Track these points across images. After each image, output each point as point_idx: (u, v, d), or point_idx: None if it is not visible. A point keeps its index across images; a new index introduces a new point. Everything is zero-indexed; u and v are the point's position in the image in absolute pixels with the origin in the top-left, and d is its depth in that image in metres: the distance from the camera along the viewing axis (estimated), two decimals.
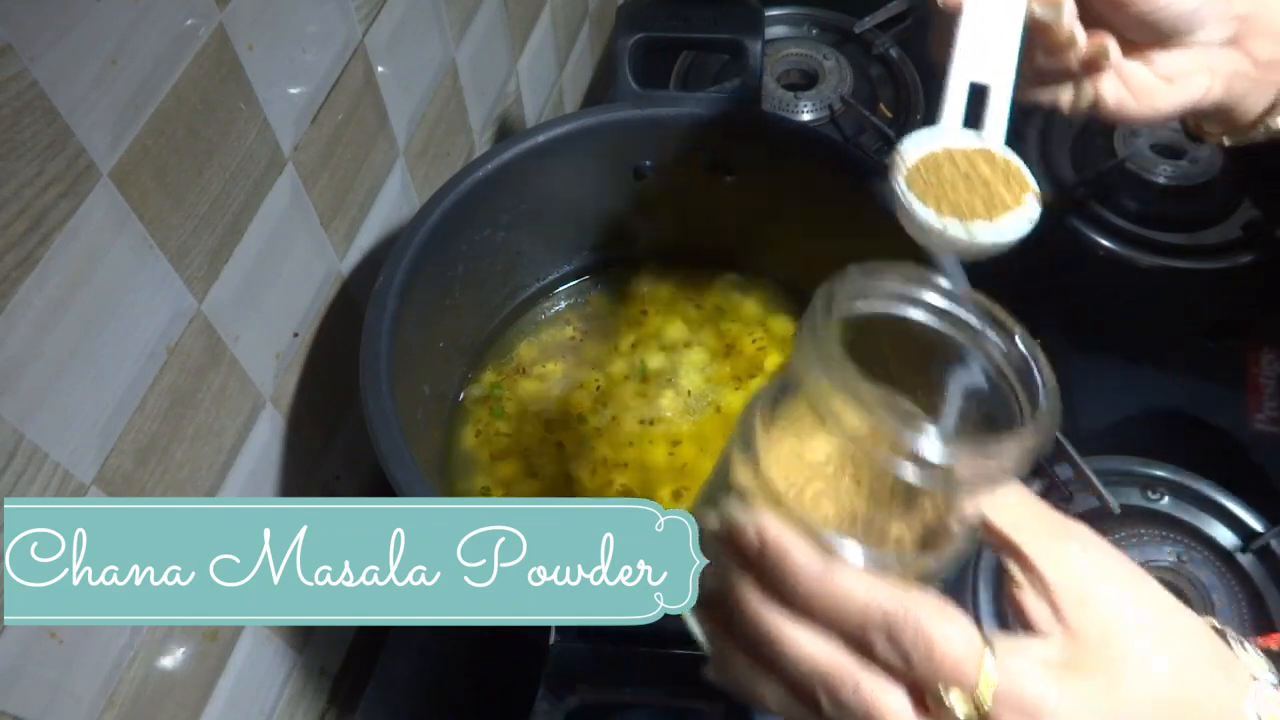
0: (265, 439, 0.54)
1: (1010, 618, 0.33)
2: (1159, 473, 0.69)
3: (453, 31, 0.66)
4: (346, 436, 0.63)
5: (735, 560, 0.31)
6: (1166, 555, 0.66)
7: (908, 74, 0.93)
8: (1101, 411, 0.74)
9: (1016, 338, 0.32)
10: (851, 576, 0.30)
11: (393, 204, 0.63)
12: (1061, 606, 0.31)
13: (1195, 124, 0.51)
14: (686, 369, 0.67)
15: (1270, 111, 0.47)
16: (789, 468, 0.32)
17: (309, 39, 0.50)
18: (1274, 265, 0.79)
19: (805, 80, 0.92)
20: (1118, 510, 0.66)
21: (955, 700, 0.29)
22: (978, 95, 0.39)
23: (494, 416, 0.65)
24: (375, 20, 0.56)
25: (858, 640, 0.30)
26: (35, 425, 0.36)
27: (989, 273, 0.43)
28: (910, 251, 0.58)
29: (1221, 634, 0.34)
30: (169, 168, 0.41)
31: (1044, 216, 0.38)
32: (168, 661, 0.47)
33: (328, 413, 0.61)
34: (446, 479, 0.63)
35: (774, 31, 0.97)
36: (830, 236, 0.65)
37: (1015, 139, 0.39)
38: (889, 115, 0.90)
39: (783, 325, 0.69)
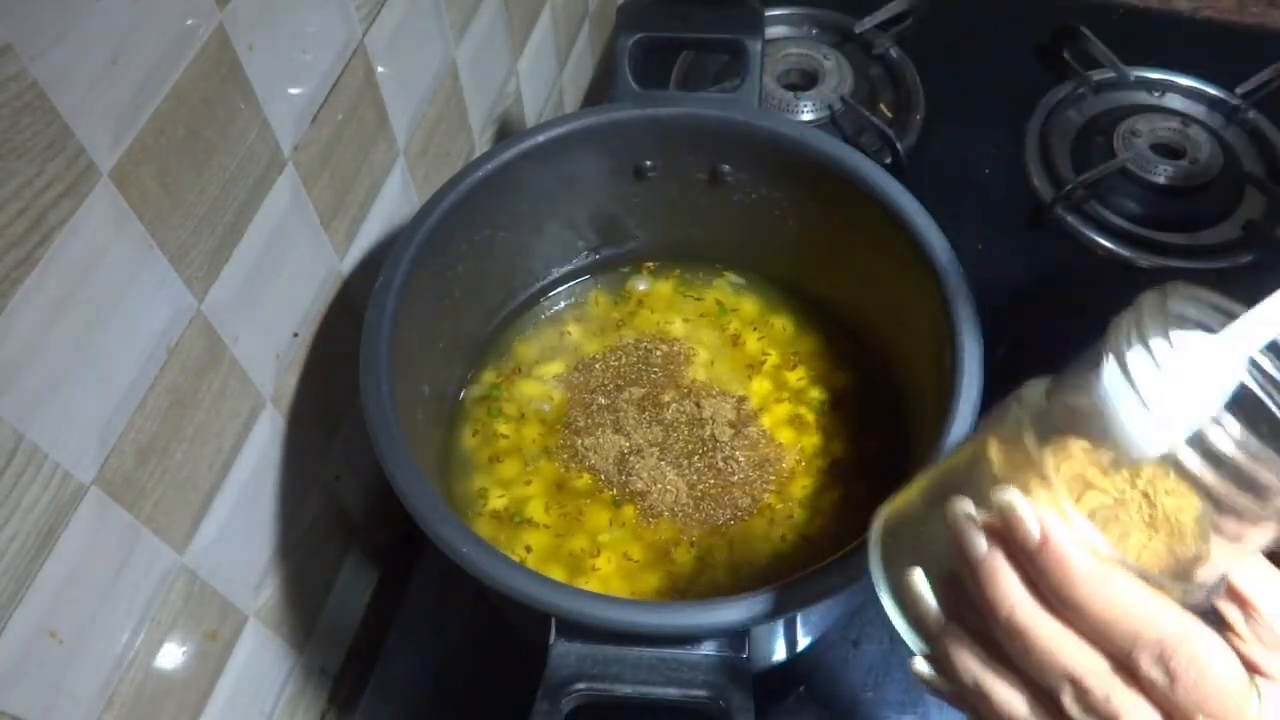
0: (265, 439, 0.54)
1: None
2: None
3: (453, 31, 0.66)
4: (346, 436, 0.63)
5: (1002, 548, 0.30)
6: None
7: (908, 74, 0.93)
8: None
9: None
10: (1134, 589, 0.29)
11: (393, 204, 0.63)
12: None
13: None
14: (688, 366, 0.67)
15: None
16: (1069, 473, 0.30)
17: (309, 39, 0.50)
18: (1274, 265, 0.79)
19: (805, 80, 0.92)
20: None
21: None
22: None
23: (492, 417, 0.65)
24: (375, 20, 0.56)
25: (1123, 654, 0.29)
26: (35, 425, 0.36)
27: (989, 273, 0.43)
28: (907, 261, 0.58)
29: None
30: (169, 168, 0.41)
31: (1043, 219, 0.37)
32: (168, 661, 0.47)
33: (328, 413, 0.61)
34: (446, 479, 0.63)
35: (774, 31, 0.97)
36: (830, 237, 0.65)
37: (1016, 137, 0.38)
38: (889, 115, 0.90)
39: (783, 324, 0.70)
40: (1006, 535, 0.30)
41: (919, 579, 0.33)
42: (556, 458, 0.63)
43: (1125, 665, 0.29)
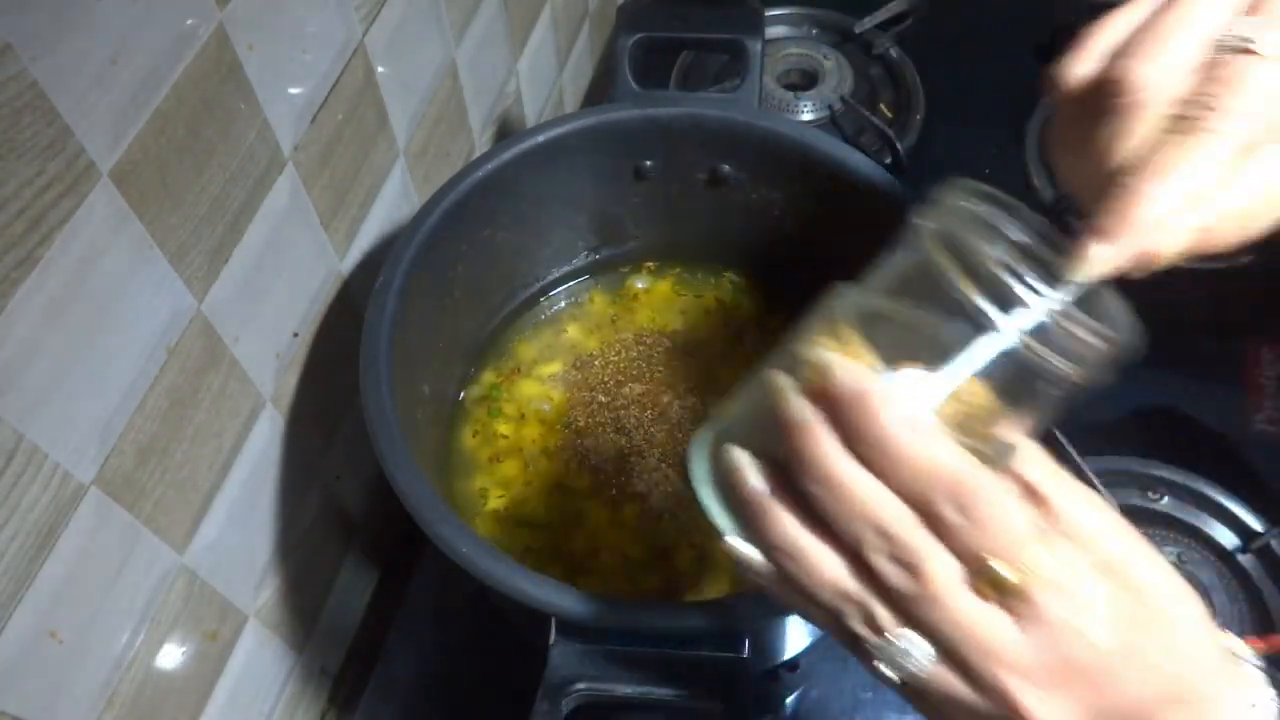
0: (265, 439, 0.54)
1: None
2: (1159, 473, 0.69)
3: (453, 31, 0.66)
4: (346, 436, 0.63)
5: (817, 407, 0.32)
6: (1167, 555, 0.66)
7: (908, 74, 0.93)
8: (1101, 411, 0.74)
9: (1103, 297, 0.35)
10: (933, 434, 0.31)
11: (393, 204, 0.63)
12: (1083, 543, 0.33)
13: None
14: (688, 366, 0.67)
15: None
16: (880, 337, 0.33)
17: (309, 39, 0.50)
18: (1274, 265, 0.79)
19: (805, 80, 0.92)
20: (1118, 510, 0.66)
21: (1003, 570, 0.30)
22: None
23: (492, 417, 0.65)
24: (375, 20, 0.56)
25: (925, 500, 0.31)
26: (35, 425, 0.36)
27: None
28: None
29: None
30: (169, 168, 0.41)
31: (1045, 217, 0.37)
32: (168, 661, 0.47)
33: (328, 413, 0.61)
34: (446, 479, 0.63)
35: (774, 31, 0.97)
36: (830, 237, 0.65)
37: (1016, 137, 0.39)
38: (889, 115, 0.90)
39: (782, 324, 0.69)
40: (822, 393, 0.32)
41: (736, 453, 0.34)
42: (556, 458, 0.63)
43: (927, 512, 0.31)
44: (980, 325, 0.32)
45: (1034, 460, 0.35)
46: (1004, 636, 0.31)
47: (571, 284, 0.72)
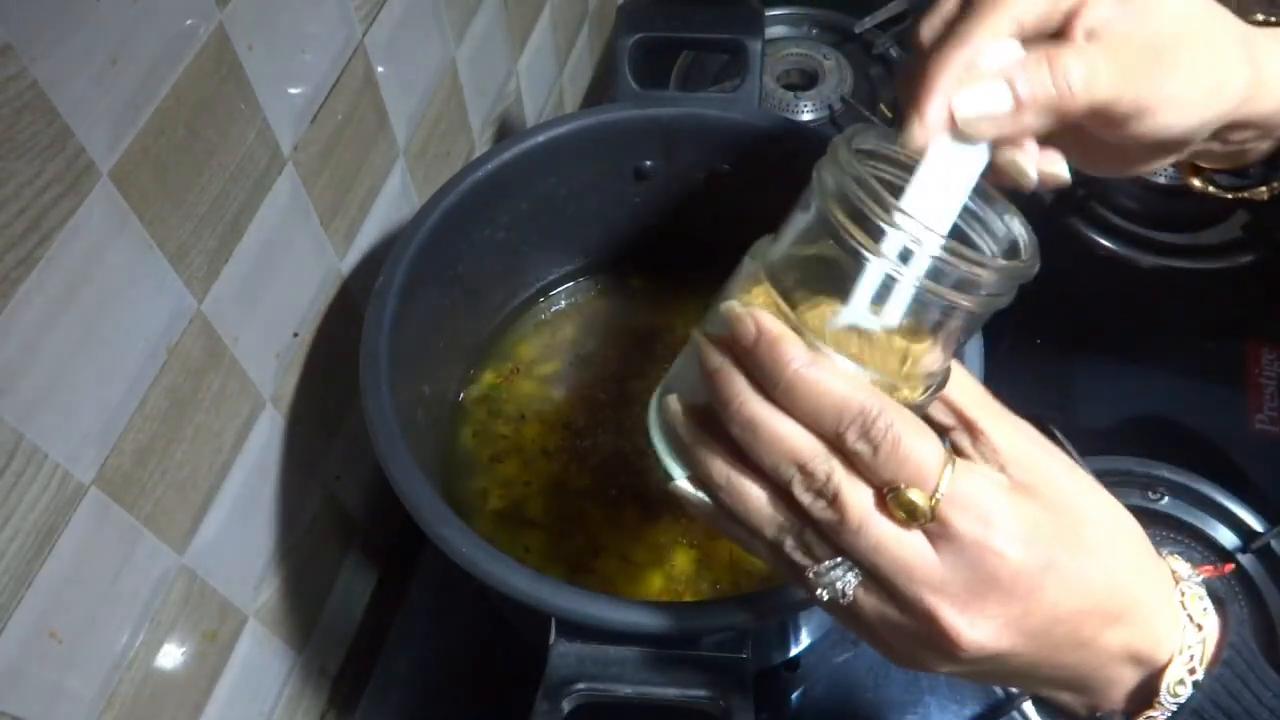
0: (265, 439, 0.54)
1: None
2: (1159, 473, 0.69)
3: (453, 31, 0.66)
4: (346, 436, 0.63)
5: (729, 355, 0.34)
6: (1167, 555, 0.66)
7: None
8: (1101, 411, 0.74)
9: (1007, 215, 0.36)
10: (835, 371, 0.32)
11: (393, 204, 0.63)
12: (1009, 467, 0.35)
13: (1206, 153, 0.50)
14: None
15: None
16: (790, 285, 0.35)
17: (309, 39, 0.50)
18: (1274, 265, 0.79)
19: (805, 80, 0.92)
20: None
21: (914, 495, 0.31)
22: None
23: (492, 417, 0.65)
24: (375, 20, 0.56)
25: (834, 433, 0.32)
26: (35, 425, 0.36)
27: None
28: None
29: None
30: (169, 168, 0.41)
31: (1045, 218, 0.38)
32: (168, 661, 0.47)
33: (328, 413, 0.61)
34: (446, 479, 0.63)
35: (774, 31, 0.97)
36: None
37: None
38: (889, 115, 0.90)
39: None
40: (731, 341, 0.34)
41: (672, 400, 0.37)
42: (556, 458, 0.63)
43: (837, 445, 0.32)
44: (860, 258, 0.33)
45: (962, 388, 0.37)
46: (921, 558, 0.32)
47: (571, 284, 0.72)
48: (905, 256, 0.33)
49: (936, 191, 0.36)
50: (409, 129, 0.63)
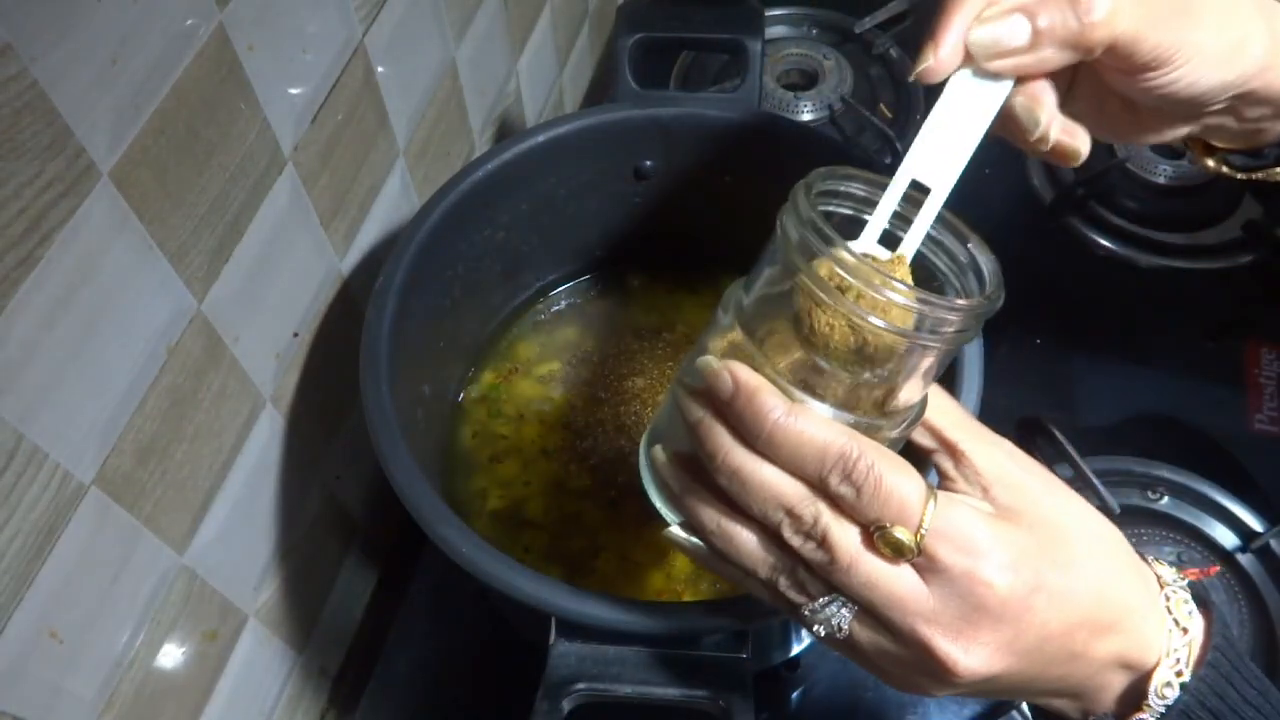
0: (265, 439, 0.54)
1: None
2: (1159, 473, 0.69)
3: (453, 31, 0.66)
4: (346, 436, 0.63)
5: (709, 408, 0.35)
6: (1166, 555, 0.66)
7: (908, 74, 0.93)
8: (1101, 411, 0.74)
9: (970, 243, 0.37)
10: (814, 419, 0.33)
11: (393, 204, 0.63)
12: (992, 489, 0.36)
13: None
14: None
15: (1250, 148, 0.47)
16: (763, 335, 0.36)
17: (309, 39, 0.50)
18: (1274, 265, 0.79)
19: (805, 80, 0.92)
20: (1118, 510, 0.66)
21: (899, 533, 0.32)
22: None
23: (492, 417, 0.65)
24: (375, 20, 0.56)
25: (817, 478, 0.33)
26: (35, 425, 0.36)
27: None
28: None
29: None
30: (169, 168, 0.41)
31: (1045, 218, 0.38)
32: (168, 661, 0.47)
33: (328, 413, 0.61)
34: (446, 479, 0.63)
35: (774, 31, 0.97)
36: None
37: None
38: (889, 115, 0.90)
39: None
40: (709, 394, 0.34)
41: (659, 451, 0.38)
42: (556, 458, 0.63)
43: (822, 488, 0.33)
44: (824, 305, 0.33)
45: (941, 411, 0.38)
46: (912, 592, 0.33)
47: (571, 284, 0.72)
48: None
49: (949, 133, 0.36)
50: (409, 129, 0.63)
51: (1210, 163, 0.50)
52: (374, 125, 0.58)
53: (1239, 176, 0.49)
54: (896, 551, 0.32)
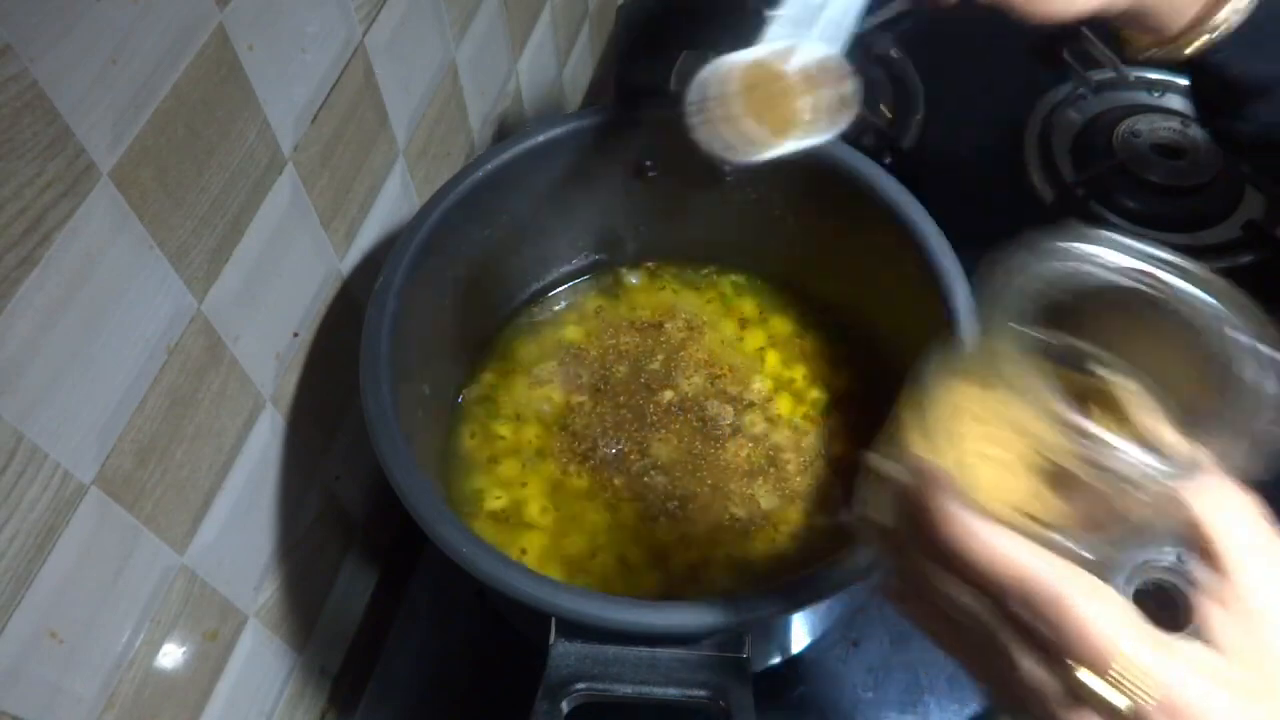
0: (265, 439, 0.54)
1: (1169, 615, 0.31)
2: None
3: (453, 31, 0.66)
4: (346, 436, 0.63)
5: (902, 508, 0.32)
6: (1167, 555, 0.66)
7: (908, 74, 0.93)
8: None
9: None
10: (993, 540, 0.29)
11: (393, 204, 0.63)
12: (1258, 631, 0.28)
13: (1120, 32, 0.49)
14: (687, 367, 0.67)
15: (1193, 28, 0.46)
16: (958, 433, 0.31)
17: (309, 39, 0.50)
18: (1274, 265, 0.79)
19: None
20: None
21: (1101, 688, 0.27)
22: None
23: (491, 417, 0.65)
24: (375, 20, 0.56)
25: (1002, 606, 0.29)
26: (35, 425, 0.36)
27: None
28: (909, 248, 0.58)
29: None
30: (169, 168, 0.41)
31: (1044, 219, 0.38)
32: (168, 661, 0.47)
33: (328, 413, 0.61)
34: (446, 479, 0.63)
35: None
36: (829, 236, 0.65)
37: (1016, 137, 0.39)
38: (889, 115, 0.90)
39: (782, 324, 0.69)
40: (900, 497, 0.32)
41: (870, 509, 0.35)
42: (555, 459, 0.63)
43: (1009, 616, 0.29)
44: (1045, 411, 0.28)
45: (1215, 501, 0.30)
46: None
47: (571, 284, 0.72)
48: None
49: None
50: (409, 129, 0.63)
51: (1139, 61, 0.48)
52: (374, 125, 0.58)
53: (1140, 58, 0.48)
54: (1092, 706, 0.28)
